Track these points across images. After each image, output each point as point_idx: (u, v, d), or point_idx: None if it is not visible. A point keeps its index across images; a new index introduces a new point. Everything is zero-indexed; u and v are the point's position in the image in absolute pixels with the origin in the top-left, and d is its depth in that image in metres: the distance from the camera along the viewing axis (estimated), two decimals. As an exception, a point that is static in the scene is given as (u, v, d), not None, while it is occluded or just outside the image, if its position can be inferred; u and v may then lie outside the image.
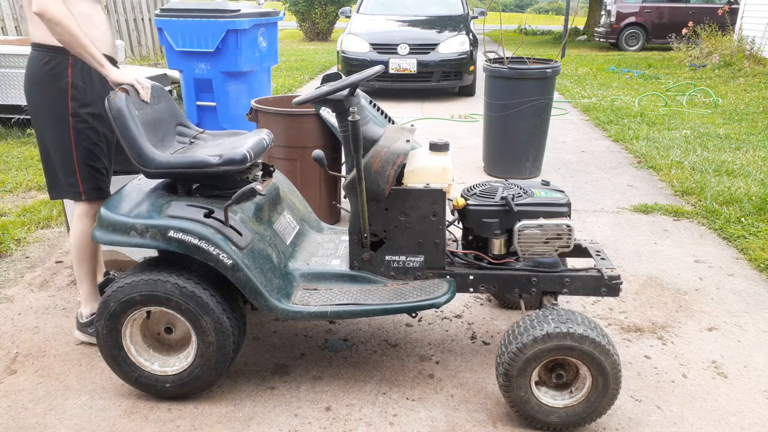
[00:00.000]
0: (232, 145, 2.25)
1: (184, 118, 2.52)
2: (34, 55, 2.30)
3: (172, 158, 2.14)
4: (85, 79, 2.33)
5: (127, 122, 2.09)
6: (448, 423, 2.15)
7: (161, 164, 2.11)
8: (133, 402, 2.24)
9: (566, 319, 1.98)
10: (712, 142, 5.87)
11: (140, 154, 2.09)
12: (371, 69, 2.24)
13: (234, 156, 2.12)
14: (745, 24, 11.05)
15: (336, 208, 3.82)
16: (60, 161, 2.39)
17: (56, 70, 2.28)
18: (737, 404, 2.25)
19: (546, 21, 31.83)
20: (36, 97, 2.35)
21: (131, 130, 2.09)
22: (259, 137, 2.34)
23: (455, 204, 2.30)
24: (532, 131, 4.77)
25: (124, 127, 2.09)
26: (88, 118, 2.35)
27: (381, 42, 8.44)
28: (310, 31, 19.22)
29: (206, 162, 2.11)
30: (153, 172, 2.12)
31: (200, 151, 2.26)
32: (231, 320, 2.12)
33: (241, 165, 2.14)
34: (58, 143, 2.37)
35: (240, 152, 2.14)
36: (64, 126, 2.33)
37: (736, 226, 3.80)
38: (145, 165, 2.10)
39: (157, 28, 4.74)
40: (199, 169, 2.12)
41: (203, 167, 2.11)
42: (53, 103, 2.32)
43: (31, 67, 2.32)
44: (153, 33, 11.30)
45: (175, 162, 2.12)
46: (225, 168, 2.12)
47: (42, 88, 2.32)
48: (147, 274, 2.08)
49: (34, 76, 2.31)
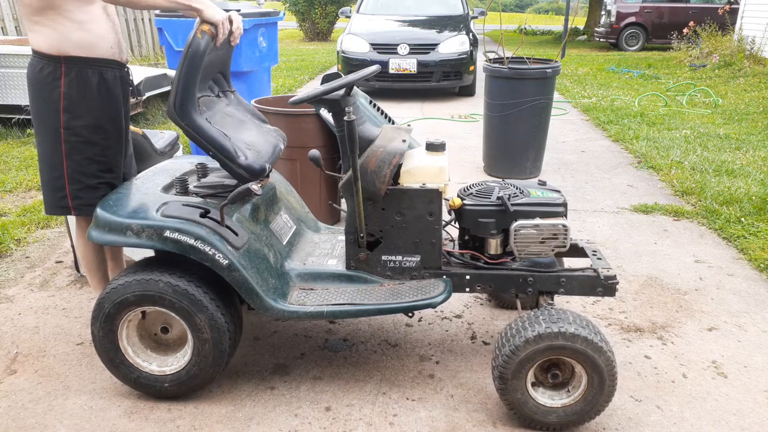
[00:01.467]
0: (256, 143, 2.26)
1: (228, 70, 2.48)
2: (31, 61, 2.23)
3: (205, 125, 2.10)
4: (80, 89, 2.20)
5: (194, 67, 2.05)
6: (448, 423, 2.14)
7: (193, 125, 2.08)
8: (133, 402, 2.24)
9: (557, 319, 1.98)
10: (712, 142, 5.86)
11: (184, 104, 2.06)
12: (367, 69, 2.24)
13: (255, 168, 2.15)
14: (745, 24, 11.04)
15: (335, 208, 3.82)
16: (48, 174, 2.30)
17: (48, 79, 2.18)
18: (737, 404, 2.25)
19: (546, 21, 31.81)
20: (32, 104, 2.27)
21: (192, 77, 2.05)
22: (277, 145, 2.39)
23: (452, 204, 2.30)
24: (532, 131, 4.77)
25: (190, 70, 2.04)
26: (82, 132, 2.23)
27: (381, 42, 8.44)
28: (310, 31, 19.22)
29: (232, 156, 2.12)
30: (184, 125, 2.09)
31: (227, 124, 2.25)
32: (226, 316, 2.12)
33: (256, 177, 2.17)
34: (49, 155, 2.27)
35: (261, 165, 2.18)
36: (56, 138, 2.23)
37: (736, 226, 3.79)
38: (180, 115, 2.07)
39: (157, 28, 4.74)
40: (222, 154, 2.12)
41: (227, 157, 2.12)
42: (45, 113, 2.23)
43: (28, 72, 2.24)
44: (153, 33, 11.31)
45: (205, 131, 2.10)
46: (242, 172, 2.14)
47: (36, 95, 2.23)
48: (140, 274, 2.09)
49: (30, 83, 2.24)
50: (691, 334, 2.71)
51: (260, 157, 2.21)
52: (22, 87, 5.81)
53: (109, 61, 2.27)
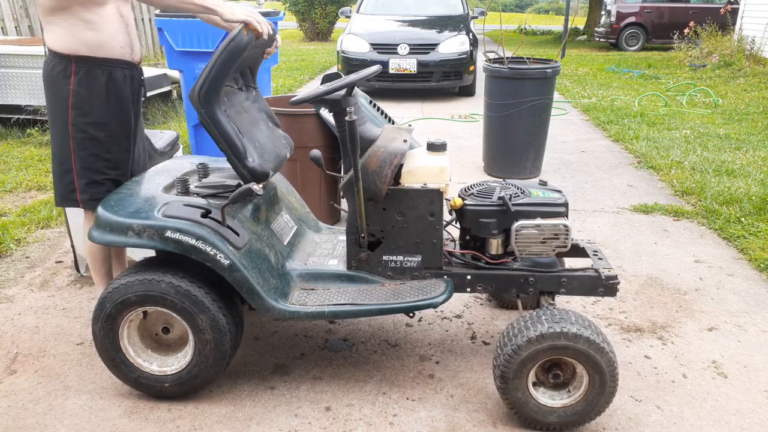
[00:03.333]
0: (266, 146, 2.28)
1: (257, 66, 2.48)
2: (46, 59, 2.29)
3: (222, 119, 2.09)
4: (90, 87, 2.26)
5: (231, 60, 2.04)
6: (448, 423, 2.15)
7: (212, 115, 2.07)
8: (133, 402, 2.24)
9: (560, 319, 1.98)
10: (712, 142, 5.87)
11: (209, 93, 2.04)
12: (368, 69, 2.25)
13: (259, 172, 2.15)
14: (745, 24, 11.05)
15: (336, 208, 3.82)
16: (59, 168, 2.37)
17: (60, 77, 2.24)
18: (737, 404, 2.25)
19: (546, 21, 31.81)
20: (47, 100, 2.34)
21: (226, 69, 2.04)
22: (285, 154, 2.41)
23: (453, 204, 2.30)
24: (532, 131, 4.77)
25: (226, 62, 2.03)
26: (88, 129, 2.29)
27: (381, 42, 8.44)
28: (310, 31, 19.22)
29: (241, 155, 2.11)
30: (203, 113, 2.07)
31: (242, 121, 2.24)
32: (227, 317, 2.12)
33: (259, 181, 2.16)
34: (60, 149, 2.34)
35: (266, 170, 2.18)
36: (66, 134, 2.30)
37: (736, 226, 3.79)
38: (202, 102, 2.05)
39: (157, 28, 4.74)
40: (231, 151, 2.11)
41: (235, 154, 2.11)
42: (56, 109, 2.30)
43: (43, 69, 2.31)
44: (153, 33, 11.29)
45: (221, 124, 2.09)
46: (246, 173, 2.14)
47: (49, 92, 2.30)
48: (142, 274, 2.09)
49: (44, 80, 2.30)
50: (691, 334, 2.71)
51: (266, 162, 2.21)
52: (22, 87, 5.80)
53: (119, 61, 2.31)
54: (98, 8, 2.21)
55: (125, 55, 2.33)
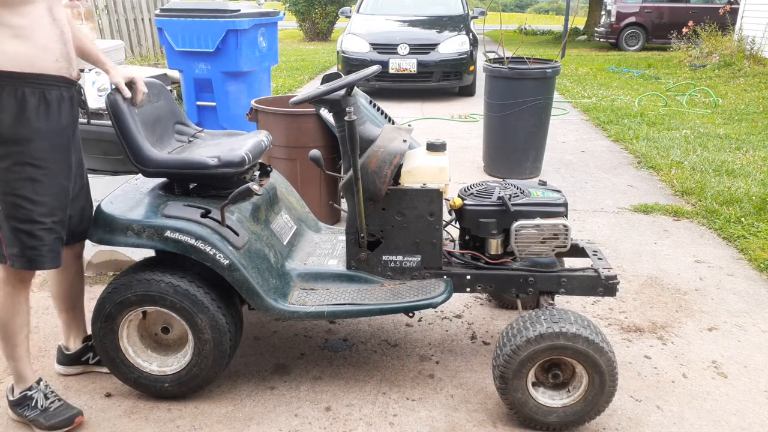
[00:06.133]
0: (230, 147, 2.25)
1: (183, 117, 2.51)
2: None
3: (169, 158, 2.14)
4: (15, 114, 1.76)
5: (126, 120, 2.07)
6: (448, 423, 2.14)
7: (159, 163, 2.10)
8: (133, 402, 2.24)
9: (559, 319, 1.98)
10: (712, 142, 5.86)
11: (138, 153, 2.09)
12: (368, 69, 2.25)
13: (232, 158, 2.12)
14: (745, 24, 11.04)
15: (335, 208, 3.82)
16: None
17: None
18: (737, 404, 2.25)
19: (546, 21, 31.80)
20: None
21: (130, 128, 2.08)
22: (257, 139, 2.34)
23: (452, 204, 2.30)
24: (532, 131, 4.77)
25: (123, 124, 2.07)
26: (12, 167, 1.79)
27: (381, 42, 8.44)
28: (310, 31, 19.21)
29: (204, 164, 2.11)
30: (151, 171, 2.12)
31: (198, 151, 2.26)
32: (227, 317, 2.12)
33: (239, 168, 2.14)
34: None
35: (238, 155, 2.14)
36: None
37: (736, 226, 3.79)
38: (142, 164, 2.10)
39: (157, 28, 4.75)
40: (197, 170, 2.12)
41: (201, 168, 2.11)
42: None
43: None
44: (153, 33, 11.30)
45: (172, 162, 2.12)
46: (223, 170, 2.11)
47: None
48: (141, 274, 2.09)
49: None
50: (691, 334, 2.71)
51: (235, 152, 2.17)
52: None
53: (55, 77, 1.84)
54: (23, 8, 1.73)
55: (62, 70, 1.85)
